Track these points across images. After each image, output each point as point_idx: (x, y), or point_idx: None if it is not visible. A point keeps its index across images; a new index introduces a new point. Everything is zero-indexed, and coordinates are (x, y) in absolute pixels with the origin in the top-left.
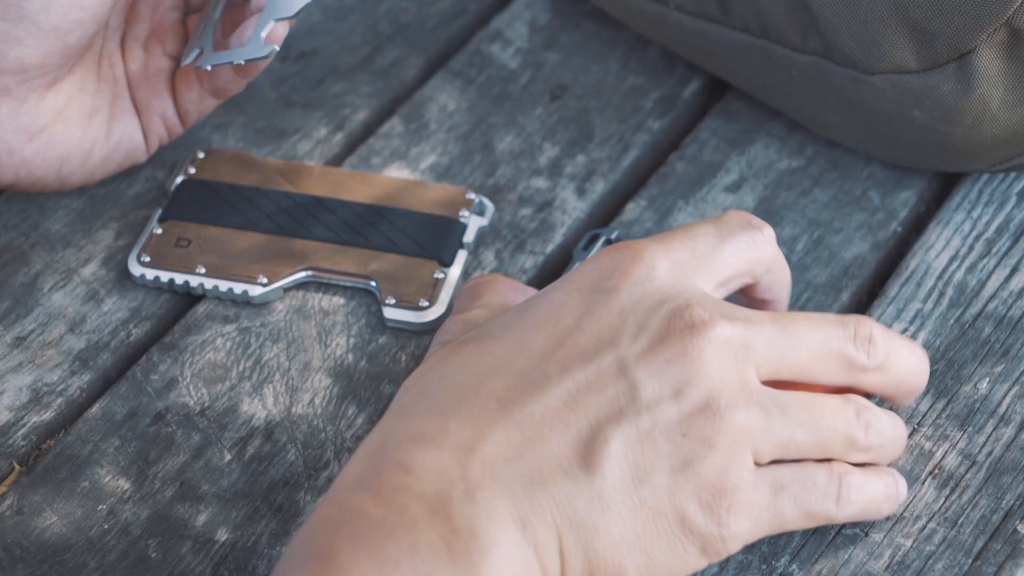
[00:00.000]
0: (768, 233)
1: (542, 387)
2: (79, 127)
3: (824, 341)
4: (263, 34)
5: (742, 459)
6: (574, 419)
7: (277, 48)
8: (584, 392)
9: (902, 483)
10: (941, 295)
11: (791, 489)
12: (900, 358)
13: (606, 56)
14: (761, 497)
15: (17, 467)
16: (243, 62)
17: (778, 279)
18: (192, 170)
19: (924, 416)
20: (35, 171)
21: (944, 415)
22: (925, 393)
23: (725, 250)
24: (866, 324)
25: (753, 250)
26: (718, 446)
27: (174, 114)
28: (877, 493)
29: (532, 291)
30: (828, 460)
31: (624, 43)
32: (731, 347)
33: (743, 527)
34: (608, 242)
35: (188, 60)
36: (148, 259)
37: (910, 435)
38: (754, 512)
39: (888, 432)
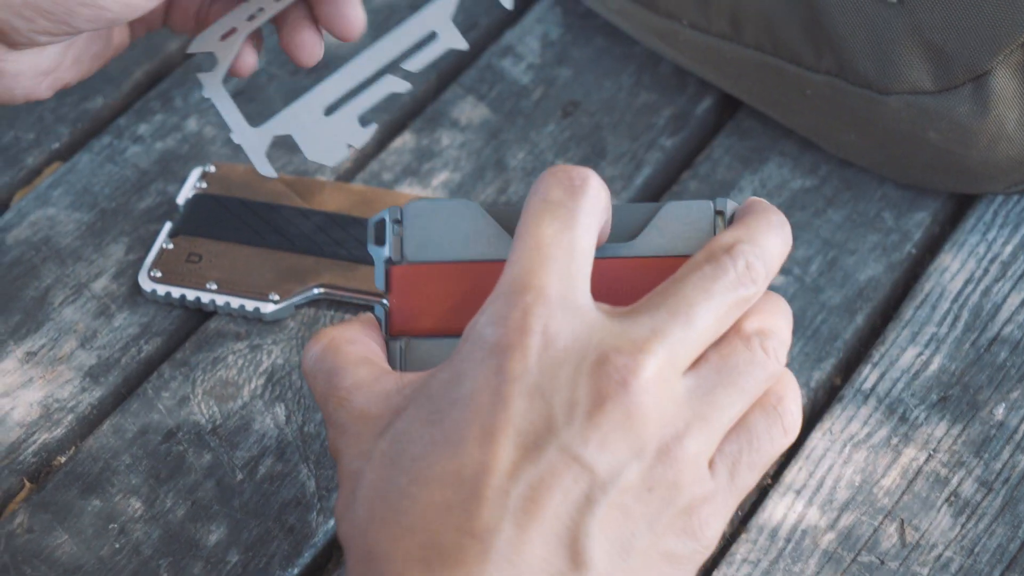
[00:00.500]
0: (585, 184)
1: (502, 503)
2: (86, 63)
3: (720, 304)
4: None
5: (702, 477)
6: (546, 523)
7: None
8: (541, 492)
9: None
10: (956, 318)
11: (743, 460)
12: (775, 258)
13: (618, 72)
14: (723, 491)
15: (28, 484)
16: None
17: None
18: (203, 184)
19: (940, 442)
20: None
21: (960, 441)
22: (941, 418)
23: (578, 241)
24: (739, 255)
25: (599, 207)
26: (683, 483)
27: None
28: (797, 392)
29: (371, 329)
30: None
31: (636, 59)
32: (661, 380)
33: (719, 527)
34: None
35: (203, 73)
36: (159, 274)
37: (926, 461)
38: (722, 508)
39: (781, 315)
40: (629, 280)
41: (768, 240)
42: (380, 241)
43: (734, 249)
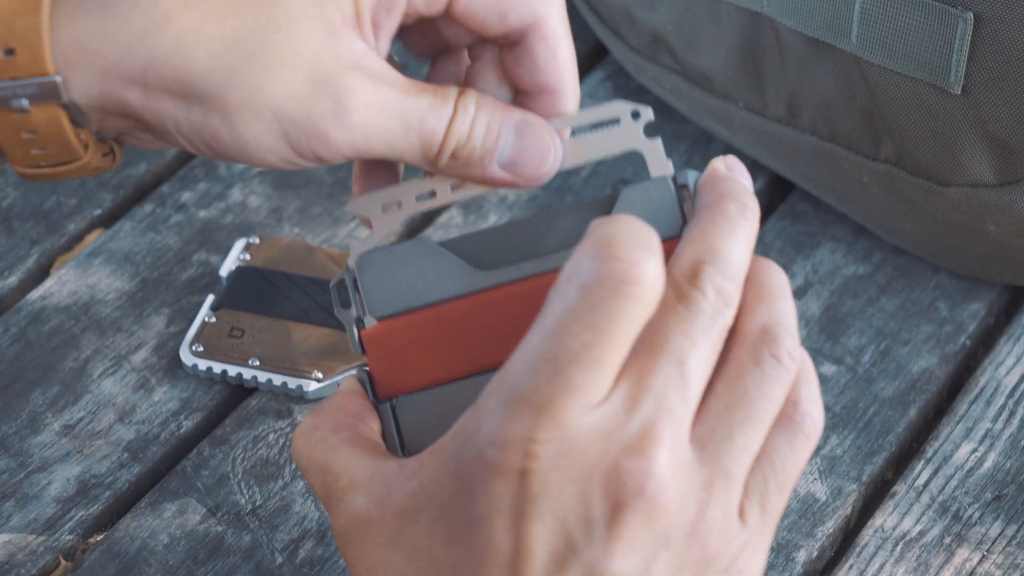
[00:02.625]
0: (637, 283)
1: None
2: None
3: (706, 344)
4: None
5: (734, 534)
6: None
7: None
8: None
9: None
10: (1012, 414)
11: (770, 489)
12: (742, 265)
13: (669, 150)
14: (757, 530)
15: (63, 562)
16: None
17: None
18: (246, 256)
19: (994, 543)
20: None
21: (1015, 542)
22: (995, 518)
23: (606, 354)
24: (705, 283)
25: (646, 310)
26: (714, 551)
27: None
28: (814, 383)
29: (355, 402)
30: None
31: (688, 137)
32: (674, 463)
33: (761, 563)
34: None
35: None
36: (201, 348)
37: (979, 562)
38: (761, 545)
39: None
40: None
41: (730, 247)
42: (346, 303)
43: (698, 278)
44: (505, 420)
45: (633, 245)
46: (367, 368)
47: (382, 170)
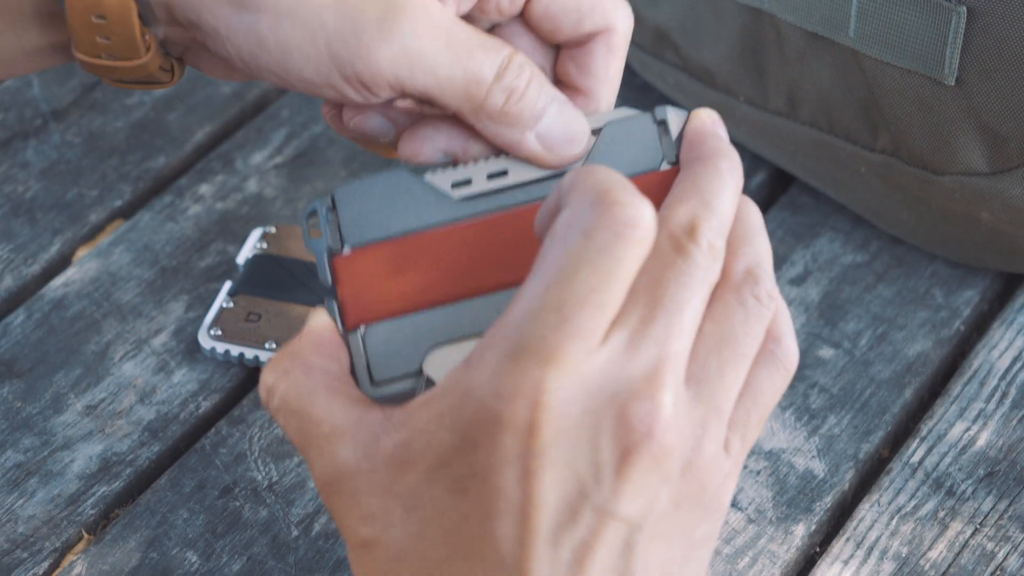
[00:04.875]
0: (638, 229)
1: (550, 572)
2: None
3: (701, 293)
4: None
5: (721, 466)
6: None
7: None
8: (585, 553)
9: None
10: (1004, 395)
11: (752, 420)
12: (730, 219)
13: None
14: (738, 460)
15: (86, 536)
16: None
17: None
18: (263, 245)
19: (986, 517)
20: None
21: (1007, 516)
22: (988, 493)
23: (611, 299)
24: (702, 237)
25: (643, 256)
26: (706, 484)
27: None
28: (789, 320)
29: (324, 339)
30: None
31: None
32: (677, 405)
33: (734, 488)
34: None
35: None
36: (219, 332)
37: (972, 535)
38: (737, 472)
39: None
40: None
41: (722, 202)
42: (316, 234)
43: (696, 233)
44: (511, 371)
45: (627, 191)
46: (336, 299)
47: (432, 142)
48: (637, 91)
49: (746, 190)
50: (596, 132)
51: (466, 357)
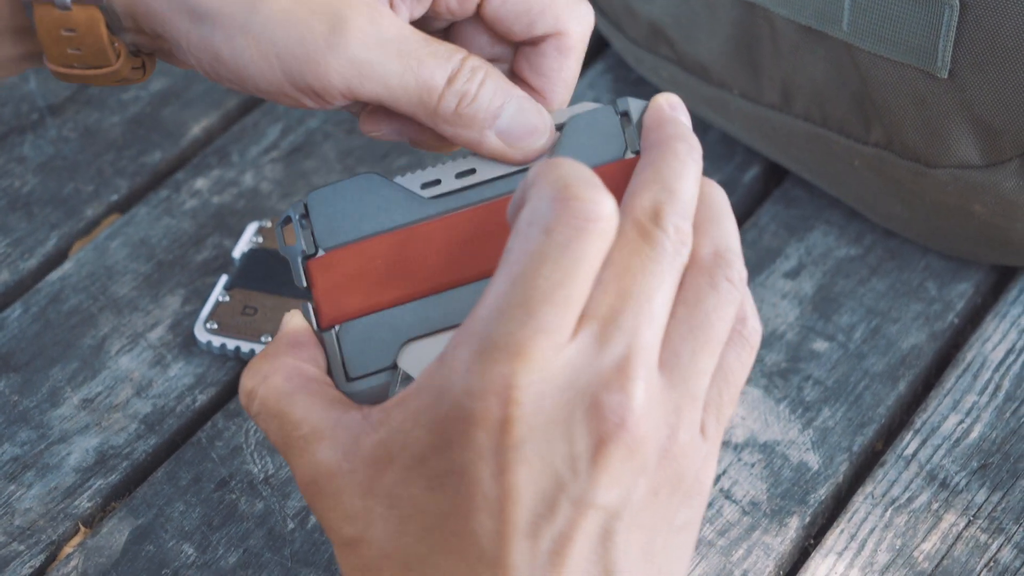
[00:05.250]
0: (599, 222)
1: (530, 565)
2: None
3: (670, 279)
4: None
5: (697, 450)
6: (575, 568)
7: None
8: (564, 544)
9: None
10: (997, 388)
11: (724, 400)
12: (692, 201)
13: None
14: (714, 442)
15: (82, 529)
16: None
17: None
18: (259, 239)
19: (980, 509)
20: None
21: (1000, 508)
22: (981, 485)
23: (575, 294)
24: (667, 221)
25: (605, 250)
26: (684, 469)
27: None
28: (750, 297)
29: (300, 343)
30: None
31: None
32: (649, 393)
33: (714, 471)
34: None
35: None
36: (215, 326)
37: (965, 527)
38: (715, 454)
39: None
40: None
41: (684, 186)
42: (291, 240)
43: (660, 218)
44: (481, 369)
45: (586, 185)
46: (310, 301)
47: (389, 124)
48: (632, 86)
49: (740, 184)
50: (560, 127)
51: (439, 355)
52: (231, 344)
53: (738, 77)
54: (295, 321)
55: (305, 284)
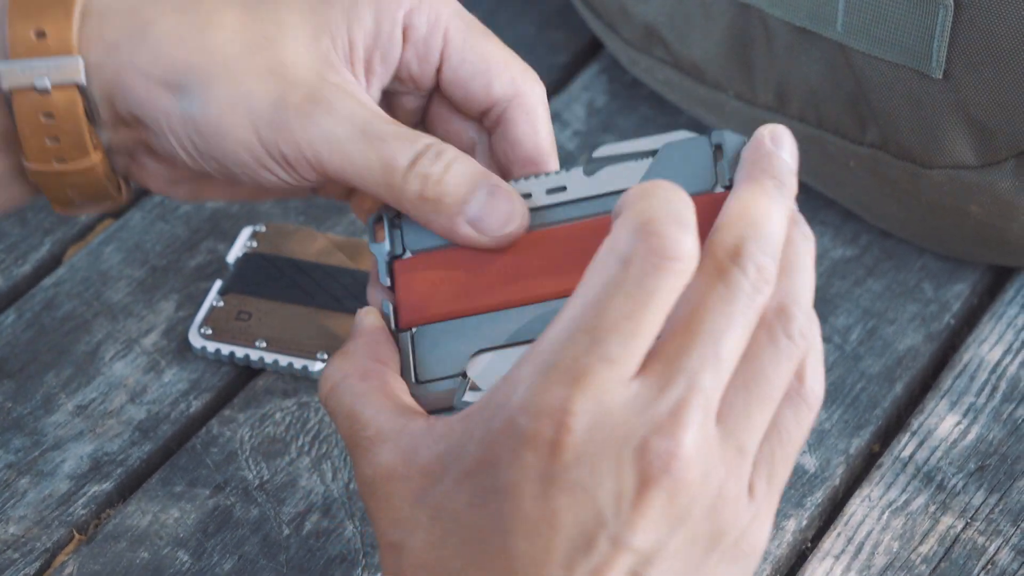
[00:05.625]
0: (678, 260)
1: None
2: (241, 190)
3: (743, 324)
4: None
5: (743, 507)
6: None
7: None
8: None
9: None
10: (994, 389)
11: (776, 459)
12: (780, 241)
13: None
14: (765, 502)
15: (77, 536)
16: None
17: None
18: (253, 244)
19: (977, 511)
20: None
21: (998, 510)
22: (978, 487)
23: (645, 327)
24: (747, 260)
25: (680, 288)
26: (727, 526)
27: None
28: (819, 357)
29: (379, 344)
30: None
31: (681, 127)
32: (700, 443)
33: (766, 533)
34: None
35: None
36: (209, 331)
37: (963, 529)
38: (767, 515)
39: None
40: None
41: (771, 224)
42: (380, 238)
43: (740, 255)
44: (540, 388)
45: (671, 221)
46: (392, 300)
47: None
48: (626, 87)
49: None
50: (653, 153)
51: (506, 373)
52: (226, 349)
53: (733, 78)
54: (371, 319)
55: (388, 283)
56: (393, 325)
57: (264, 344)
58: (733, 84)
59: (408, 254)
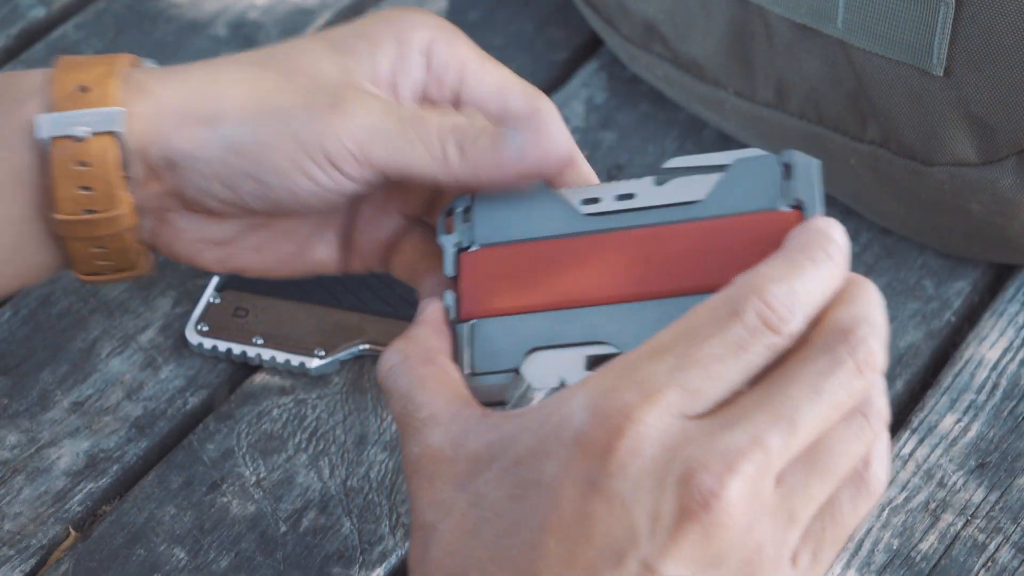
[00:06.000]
0: (783, 325)
1: None
2: (270, 256)
3: (831, 404)
4: None
5: (783, 574)
6: None
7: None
8: None
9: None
10: (995, 386)
11: (826, 538)
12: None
13: (662, 137)
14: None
15: (73, 533)
16: None
17: None
18: None
19: (977, 508)
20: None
21: (998, 507)
22: (979, 484)
23: (729, 371)
24: (859, 343)
25: (769, 347)
26: None
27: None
28: (886, 447)
29: (444, 335)
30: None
31: (680, 124)
32: (748, 496)
33: None
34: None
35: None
36: (206, 328)
37: (963, 527)
38: None
39: (883, 410)
40: (702, 242)
41: (882, 314)
42: (450, 229)
43: (853, 336)
44: (608, 392)
45: (791, 299)
46: (454, 290)
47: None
48: (626, 84)
49: None
50: (723, 168)
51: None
52: (222, 346)
53: (733, 75)
54: (434, 307)
55: (454, 274)
56: (454, 315)
57: (261, 340)
58: (733, 81)
59: (476, 246)
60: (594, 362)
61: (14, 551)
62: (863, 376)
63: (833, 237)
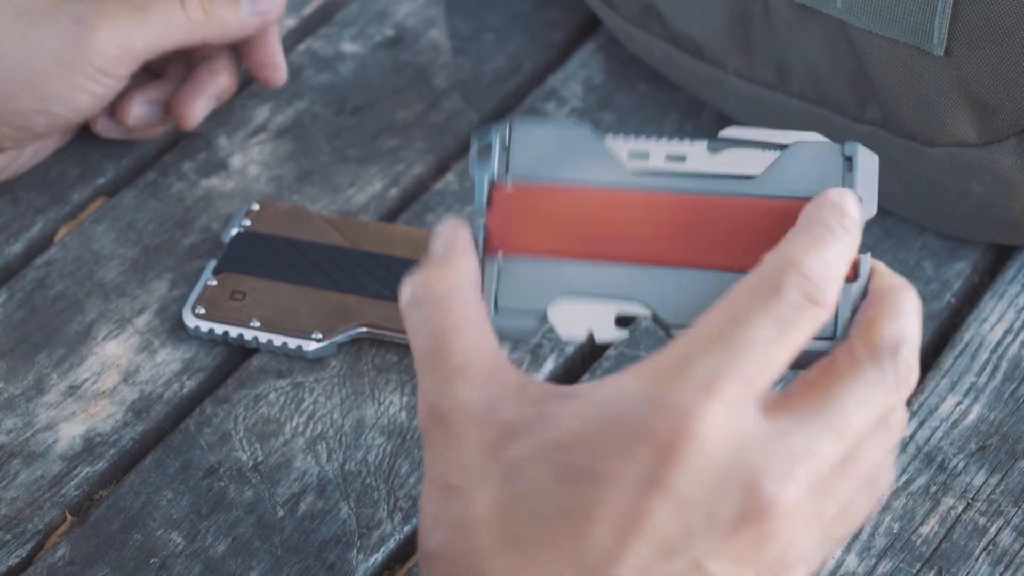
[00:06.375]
0: (825, 301)
1: None
2: (42, 153)
3: (875, 413)
4: None
5: (799, 568)
6: None
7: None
8: None
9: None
10: (995, 368)
11: (838, 533)
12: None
13: (661, 118)
14: (814, 560)
15: (70, 517)
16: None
17: None
18: (247, 223)
19: (978, 491)
20: None
21: (999, 490)
22: (980, 467)
23: (781, 357)
24: (902, 359)
25: (819, 327)
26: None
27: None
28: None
29: (471, 256)
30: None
31: (679, 105)
32: (801, 504)
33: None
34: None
35: None
36: (203, 311)
37: (964, 510)
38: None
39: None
40: (752, 220)
41: (920, 327)
42: (485, 159)
43: (900, 351)
44: (670, 387)
45: (825, 271)
46: (483, 223)
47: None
48: (623, 64)
49: None
50: (782, 147)
51: (629, 367)
52: (219, 329)
53: (732, 55)
54: (463, 240)
55: (485, 204)
56: (481, 251)
57: (258, 324)
58: (732, 61)
59: (510, 179)
60: (624, 321)
61: (10, 535)
62: (900, 391)
63: (848, 210)
